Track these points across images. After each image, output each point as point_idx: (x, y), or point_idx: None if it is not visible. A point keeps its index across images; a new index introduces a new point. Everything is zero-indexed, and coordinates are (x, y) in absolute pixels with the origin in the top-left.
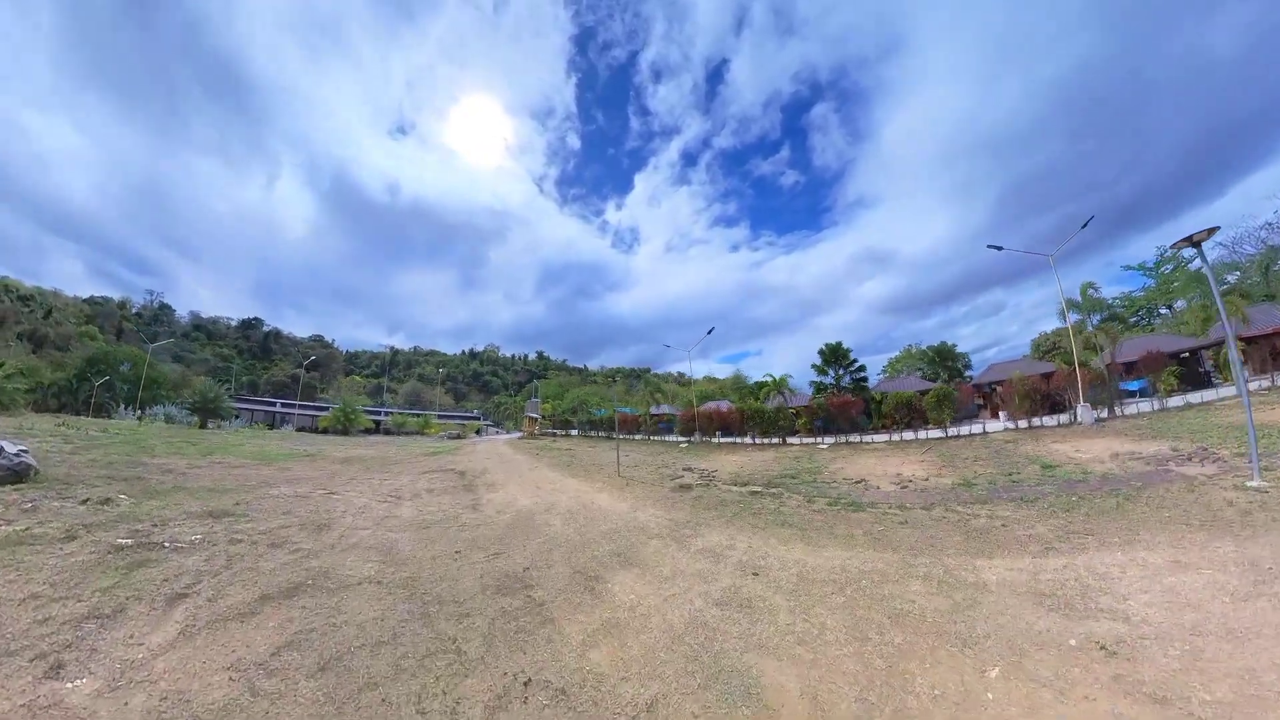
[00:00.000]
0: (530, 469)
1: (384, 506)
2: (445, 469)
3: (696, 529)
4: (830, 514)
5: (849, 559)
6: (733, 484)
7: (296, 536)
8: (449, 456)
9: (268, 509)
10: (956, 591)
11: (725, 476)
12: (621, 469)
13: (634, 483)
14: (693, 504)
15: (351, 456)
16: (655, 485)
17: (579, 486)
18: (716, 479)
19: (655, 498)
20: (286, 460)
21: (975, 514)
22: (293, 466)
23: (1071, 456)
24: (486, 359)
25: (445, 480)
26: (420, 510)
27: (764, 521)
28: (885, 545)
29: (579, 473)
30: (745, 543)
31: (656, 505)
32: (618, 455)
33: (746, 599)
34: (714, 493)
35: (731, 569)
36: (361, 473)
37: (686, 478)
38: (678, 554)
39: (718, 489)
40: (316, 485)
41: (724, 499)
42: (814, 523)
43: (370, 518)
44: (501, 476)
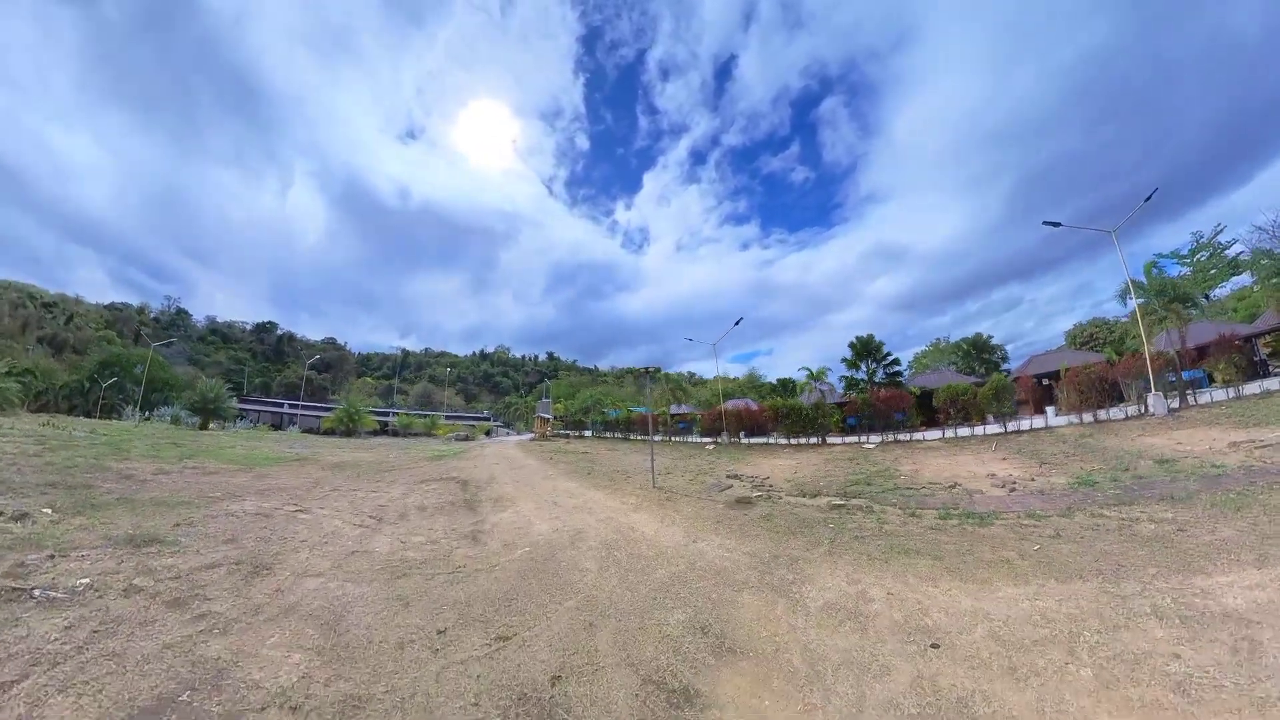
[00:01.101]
0: (545, 477)
1: (357, 534)
2: (446, 477)
3: (795, 568)
4: (953, 531)
5: (1035, 598)
6: (799, 495)
7: (218, 587)
8: (453, 461)
9: (210, 534)
10: (1213, 629)
11: (782, 485)
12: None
13: (675, 496)
14: (766, 527)
15: (345, 461)
16: (703, 499)
17: (608, 503)
18: (774, 488)
19: (711, 518)
20: (271, 465)
21: (1132, 518)
22: (274, 473)
23: (1178, 449)
24: (497, 360)
25: (443, 493)
26: (402, 542)
27: (877, 549)
28: (1061, 571)
29: (603, 483)
30: (879, 587)
31: (719, 530)
32: (652, 462)
33: (962, 704)
34: (783, 508)
35: (893, 641)
36: (349, 482)
37: (736, 487)
38: (794, 620)
39: (784, 502)
40: (290, 498)
41: (802, 517)
42: (943, 546)
43: (332, 554)
44: (511, 488)
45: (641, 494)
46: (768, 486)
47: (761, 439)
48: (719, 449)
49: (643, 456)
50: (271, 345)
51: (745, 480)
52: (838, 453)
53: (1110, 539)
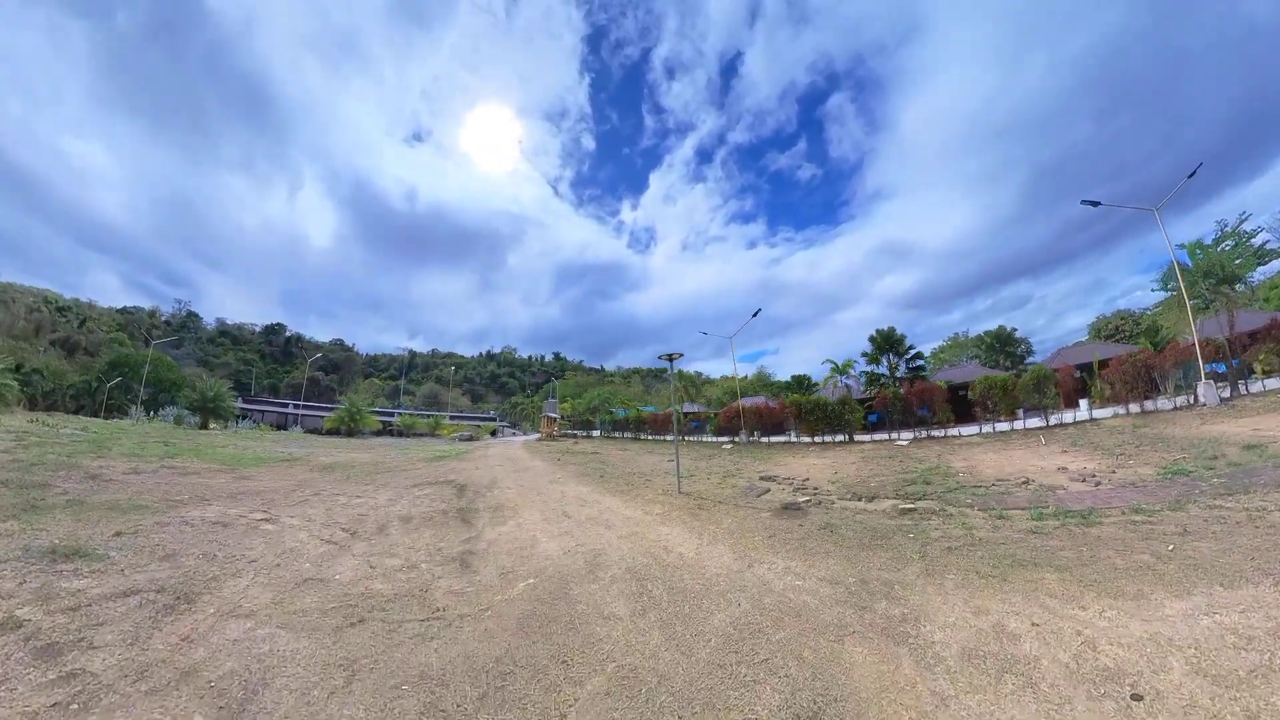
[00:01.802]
0: (552, 481)
1: (320, 552)
2: (443, 480)
3: (895, 596)
4: (1058, 534)
5: (1211, 612)
6: (853, 498)
7: (116, 628)
8: (454, 463)
9: (149, 547)
10: None
11: (827, 487)
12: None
13: (707, 503)
14: (832, 540)
15: (338, 463)
16: (741, 506)
17: (628, 512)
18: (819, 491)
19: (760, 531)
20: (256, 466)
21: (1258, 508)
22: (256, 475)
23: (1259, 435)
24: (504, 361)
25: (436, 498)
26: (371, 566)
27: (982, 562)
28: (1221, 575)
29: (620, 487)
30: (1015, 616)
31: (775, 547)
32: (677, 463)
33: None
34: (842, 515)
35: (1081, 700)
36: (334, 485)
37: (775, 491)
38: (936, 682)
39: (839, 507)
40: (261, 504)
41: (871, 526)
42: (1059, 553)
43: (279, 581)
44: (514, 493)
45: (667, 501)
46: (812, 489)
47: (781, 438)
48: (738, 448)
49: (658, 457)
50: (280, 347)
51: (782, 482)
52: (871, 450)
53: (1249, 533)
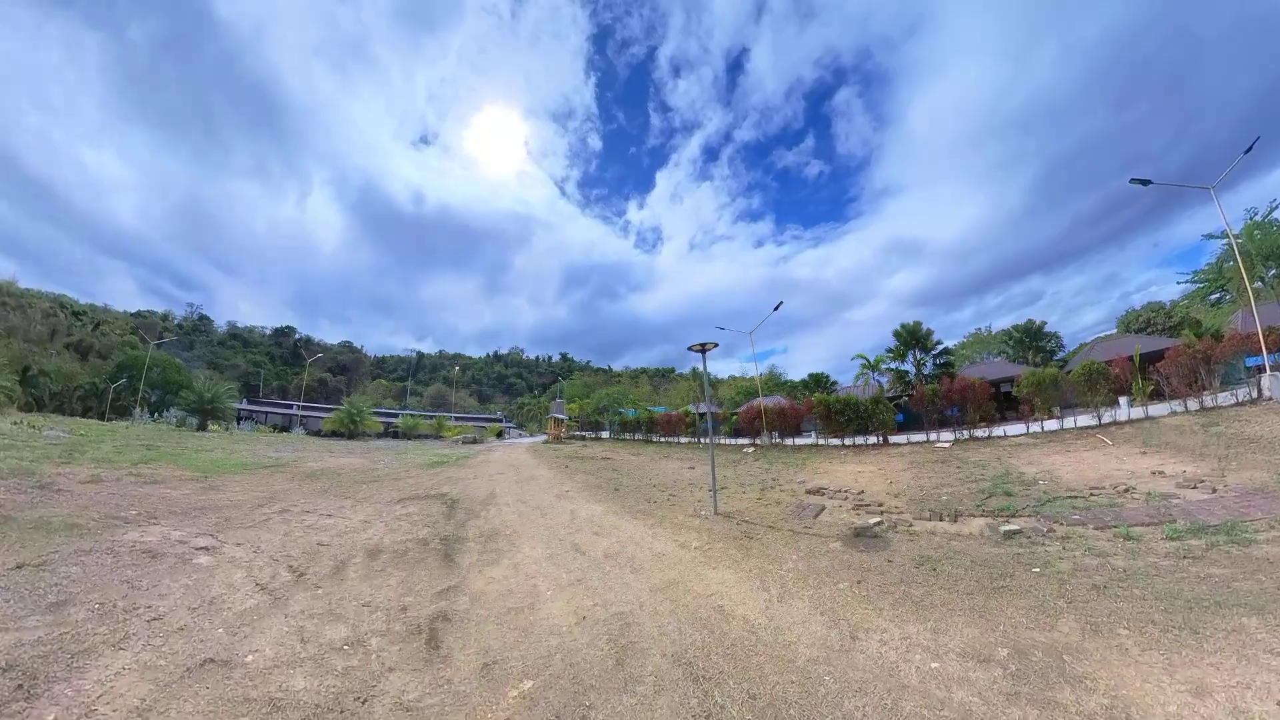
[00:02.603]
0: (559, 495)
1: (249, 606)
2: (433, 493)
3: (1074, 677)
4: (1220, 560)
5: None
6: (929, 517)
7: None
8: (451, 470)
9: (44, 589)
10: None
11: (890, 501)
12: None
13: (753, 526)
14: (941, 584)
15: (325, 469)
16: (798, 532)
17: (658, 544)
18: (885, 508)
19: (838, 572)
20: (234, 473)
21: None
22: (229, 484)
23: None
24: (511, 361)
25: (419, 520)
26: (305, 636)
27: (1152, 608)
28: None
29: (640, 504)
30: (1252, 693)
31: (871, 600)
32: (713, 477)
33: None
34: (930, 543)
35: None
36: (310, 498)
37: (833, 509)
38: None
39: (920, 531)
40: (213, 523)
41: (976, 558)
42: (1239, 588)
43: (171, 663)
44: (513, 513)
45: (703, 526)
46: (876, 506)
47: (805, 439)
48: (761, 452)
49: (677, 463)
50: (289, 349)
51: (834, 496)
52: (915, 454)
53: None
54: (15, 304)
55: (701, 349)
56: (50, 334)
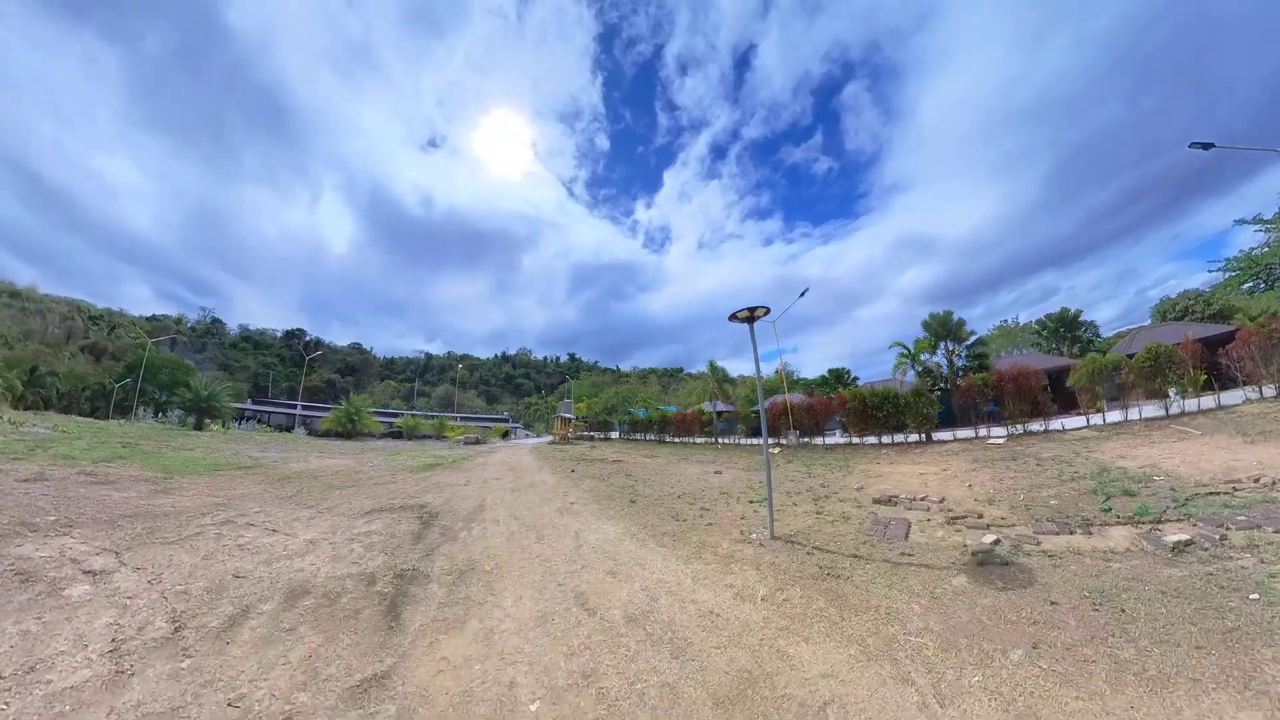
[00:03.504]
0: (561, 510)
1: (74, 683)
2: (411, 503)
3: None
4: None
5: None
6: (1053, 530)
7: None
8: (442, 474)
9: None
10: None
11: (986, 509)
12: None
13: (834, 557)
14: (1158, 643)
15: (306, 471)
16: (899, 564)
17: (707, 594)
18: (985, 520)
19: (997, 632)
20: (202, 473)
21: None
22: (184, 486)
23: None
24: (519, 362)
25: (379, 542)
26: None
27: None
28: None
29: (667, 523)
30: None
31: (1090, 686)
32: (769, 489)
33: None
34: (1082, 571)
35: None
36: (266, 506)
37: (920, 525)
38: None
39: (1054, 553)
40: (134, 535)
41: (1167, 588)
42: None
43: None
44: (501, 536)
45: (761, 557)
46: (976, 517)
47: (834, 439)
48: (790, 453)
49: (700, 467)
50: (299, 351)
51: (913, 506)
52: (972, 451)
53: None
54: (35, 309)
55: (749, 316)
56: (66, 337)
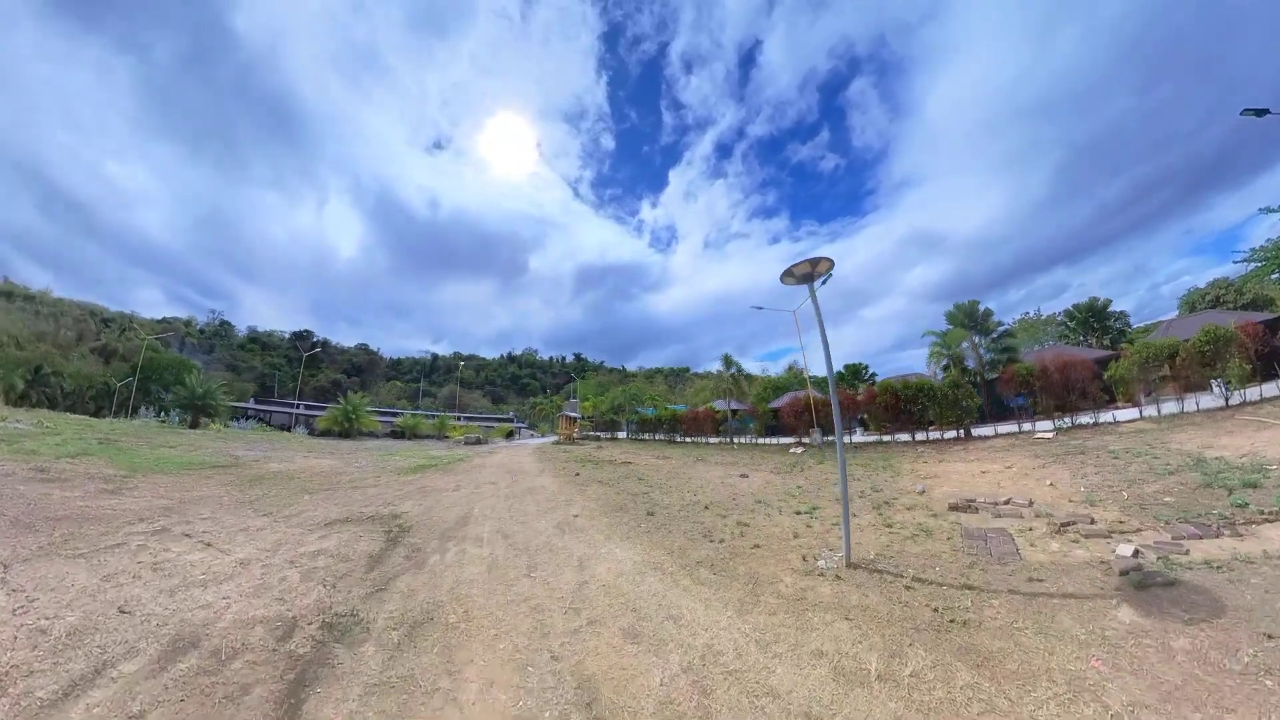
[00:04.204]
0: (562, 524)
1: None
2: (385, 512)
3: None
4: None
5: None
6: (1197, 534)
7: None
8: (432, 477)
9: None
10: None
11: (1096, 515)
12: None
13: (947, 592)
14: None
15: (282, 472)
16: (1030, 592)
17: (791, 675)
18: (1105, 526)
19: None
20: (169, 472)
21: None
22: (141, 486)
23: None
24: (525, 362)
25: (324, 568)
26: None
27: None
28: None
29: (698, 545)
30: None
31: None
32: (844, 494)
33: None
34: None
35: None
36: (220, 512)
37: (1021, 534)
38: None
39: (1222, 561)
40: (44, 546)
41: None
42: None
43: None
44: (481, 566)
45: (844, 598)
46: (1087, 522)
47: (860, 437)
48: (815, 452)
49: (721, 469)
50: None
51: (996, 511)
52: (1027, 447)
53: None
54: (49, 312)
55: (809, 273)
56: (78, 338)
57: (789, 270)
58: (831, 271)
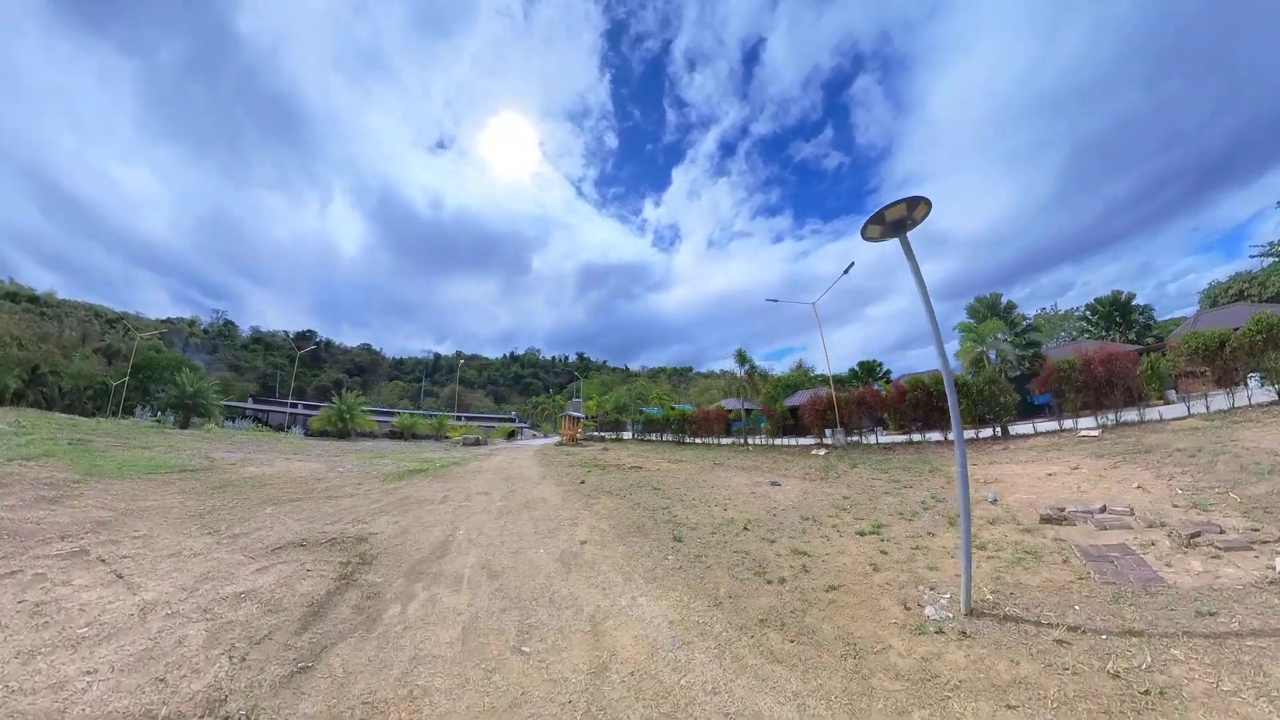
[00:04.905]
0: (566, 556)
1: None
2: (351, 534)
3: None
4: None
5: None
6: None
7: None
8: (419, 485)
9: None
10: None
11: (1221, 523)
12: (882, 551)
13: (1111, 642)
14: None
15: (256, 476)
16: (1214, 639)
17: None
18: (1260, 543)
19: None
20: (128, 477)
21: None
22: (86, 493)
23: None
24: (527, 362)
25: (237, 627)
26: None
27: None
28: None
29: (751, 591)
30: None
31: None
32: (967, 528)
33: None
34: None
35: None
36: (156, 528)
37: (1160, 554)
38: None
39: None
40: None
41: None
42: None
43: None
44: (454, 628)
45: (993, 668)
46: (1225, 536)
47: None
48: (840, 455)
49: (745, 476)
50: (309, 351)
51: (1099, 522)
52: (1075, 446)
53: None
54: (53, 313)
55: (903, 217)
56: (82, 339)
57: (877, 216)
58: (929, 213)
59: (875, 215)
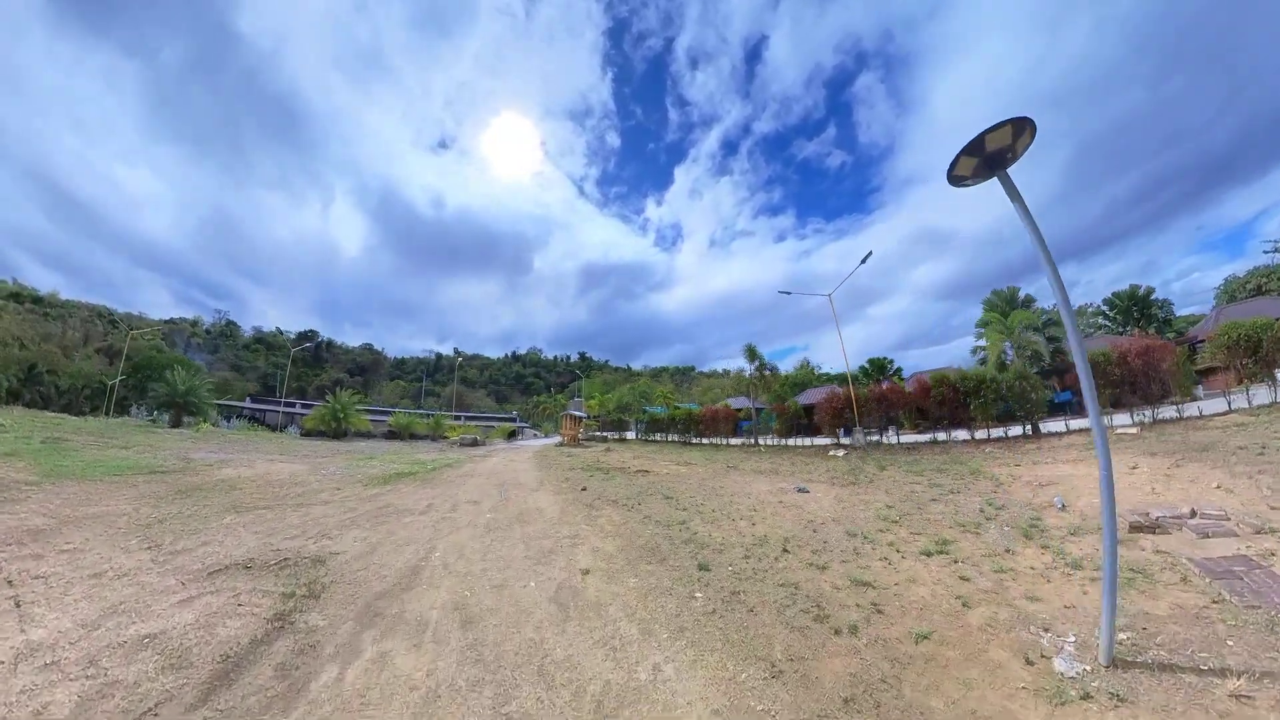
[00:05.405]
0: (563, 592)
1: None
2: (304, 554)
3: None
4: None
5: None
6: None
7: None
8: (403, 491)
9: None
10: None
11: None
12: (957, 575)
13: None
14: None
15: (229, 479)
16: None
17: None
18: None
19: None
20: (98, 477)
21: None
22: (40, 497)
23: None
24: (529, 361)
25: (117, 697)
26: None
27: None
28: None
29: (813, 650)
30: None
31: None
32: (1111, 547)
33: None
34: None
35: None
36: (93, 541)
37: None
38: None
39: None
40: None
41: None
42: None
43: None
44: (403, 706)
45: None
46: None
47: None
48: (864, 456)
49: (767, 481)
50: (311, 352)
51: (1200, 530)
52: (1118, 444)
53: None
54: (56, 314)
55: (1004, 148)
56: (84, 339)
57: (974, 145)
58: (1034, 140)
59: (972, 144)
